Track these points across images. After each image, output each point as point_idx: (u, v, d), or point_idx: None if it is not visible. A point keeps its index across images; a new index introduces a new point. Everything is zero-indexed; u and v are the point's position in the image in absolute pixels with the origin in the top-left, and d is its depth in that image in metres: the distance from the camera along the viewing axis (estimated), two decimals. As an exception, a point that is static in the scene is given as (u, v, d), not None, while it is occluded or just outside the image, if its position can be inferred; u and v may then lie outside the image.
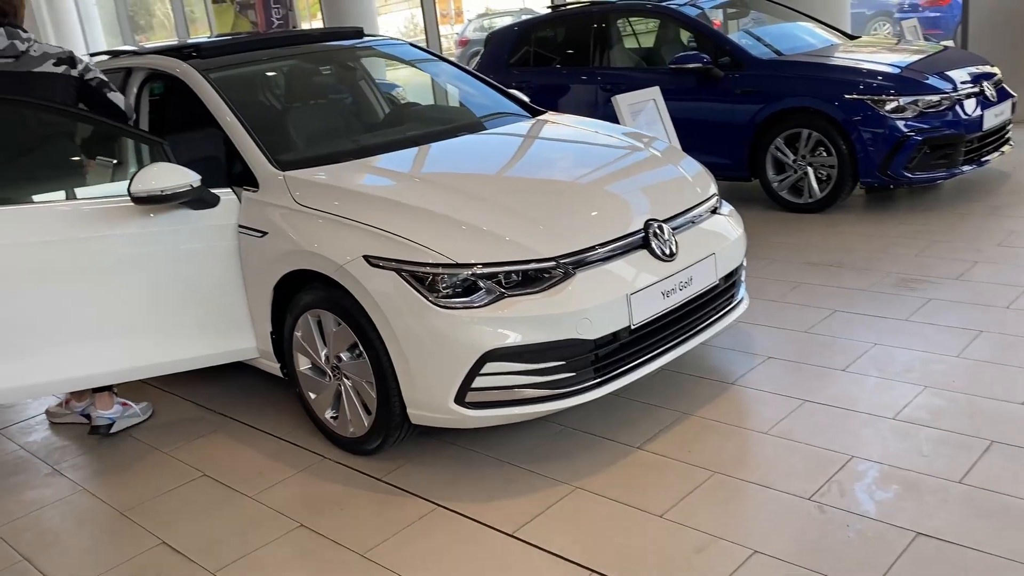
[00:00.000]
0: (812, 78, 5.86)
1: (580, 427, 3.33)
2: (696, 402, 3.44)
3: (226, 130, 3.60)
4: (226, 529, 2.94)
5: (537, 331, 2.86)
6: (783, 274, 4.82)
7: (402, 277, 2.91)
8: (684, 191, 3.51)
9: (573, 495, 2.90)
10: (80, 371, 3.35)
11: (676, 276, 3.17)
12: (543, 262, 2.94)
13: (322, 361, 3.29)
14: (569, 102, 7.15)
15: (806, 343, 3.89)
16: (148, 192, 3.20)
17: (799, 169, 5.96)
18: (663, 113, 5.12)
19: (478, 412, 2.94)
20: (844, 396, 3.36)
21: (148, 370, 3.47)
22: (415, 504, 2.96)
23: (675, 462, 3.03)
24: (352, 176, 3.39)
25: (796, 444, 3.05)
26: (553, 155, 3.77)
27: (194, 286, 3.46)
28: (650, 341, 3.15)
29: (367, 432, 3.20)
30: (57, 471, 3.51)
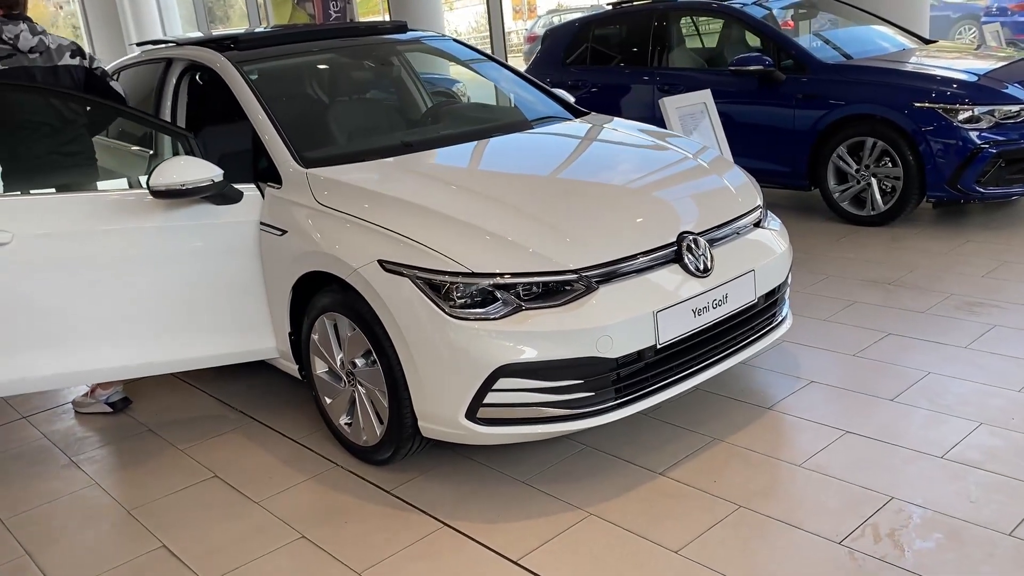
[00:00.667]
0: (880, 84, 5.55)
1: (603, 447, 3.16)
2: (728, 427, 3.23)
3: (253, 123, 3.53)
4: (228, 535, 2.86)
5: (554, 347, 2.70)
6: (836, 291, 4.55)
7: (416, 284, 2.78)
8: (724, 202, 3.31)
9: (586, 522, 2.74)
10: (97, 364, 3.32)
11: (710, 293, 2.97)
12: (564, 274, 2.78)
13: (337, 366, 3.19)
14: (625, 102, 6.95)
15: (854, 368, 3.64)
16: (167, 186, 3.14)
17: (862, 179, 5.66)
18: (714, 118, 4.89)
19: (490, 429, 2.80)
20: (890, 429, 3.12)
21: (166, 366, 3.42)
22: (421, 521, 2.83)
23: (698, 492, 2.84)
24: (376, 176, 3.28)
25: (831, 480, 2.83)
26: (590, 160, 3.60)
27: (215, 283, 3.40)
28: (678, 362, 2.96)
29: (379, 442, 3.09)
30: (74, 463, 3.49)
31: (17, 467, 3.50)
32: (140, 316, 3.33)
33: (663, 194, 3.28)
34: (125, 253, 3.28)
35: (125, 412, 3.90)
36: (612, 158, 3.63)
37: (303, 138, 3.53)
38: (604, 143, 3.81)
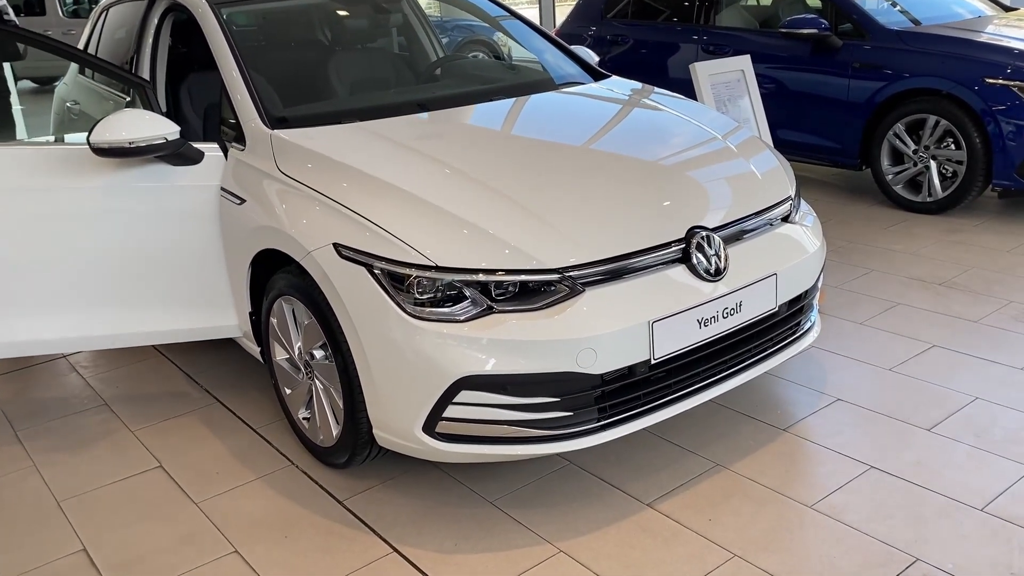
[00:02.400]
0: (947, 55, 4.95)
1: (587, 466, 2.77)
2: (734, 451, 2.82)
3: (222, 73, 3.14)
4: (156, 542, 2.56)
5: (526, 359, 2.30)
6: (879, 289, 4.06)
7: (374, 275, 2.40)
8: (748, 192, 2.85)
9: (553, 560, 2.36)
10: (36, 335, 3.01)
11: (720, 300, 2.54)
12: (544, 273, 2.36)
13: (296, 355, 2.84)
14: (668, 62, 6.42)
15: (889, 386, 3.18)
16: (111, 143, 2.78)
17: (920, 161, 5.09)
18: (752, 89, 4.36)
19: (450, 446, 2.42)
20: (923, 468, 2.68)
21: (112, 340, 3.10)
22: (369, 542, 2.49)
23: (688, 532, 2.44)
24: (349, 144, 2.88)
25: (846, 529, 2.41)
26: (598, 135, 3.15)
27: (173, 252, 3.06)
28: (676, 378, 2.55)
29: (335, 444, 2.74)
30: (19, 438, 3.21)
31: (-41, 439, 3.24)
32: (86, 284, 3.01)
33: (676, 180, 2.82)
34: (70, 213, 2.95)
35: (87, 381, 3.62)
36: (624, 133, 3.16)
37: (275, 94, 3.14)
38: (618, 114, 3.34)
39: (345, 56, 3.70)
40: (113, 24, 4.37)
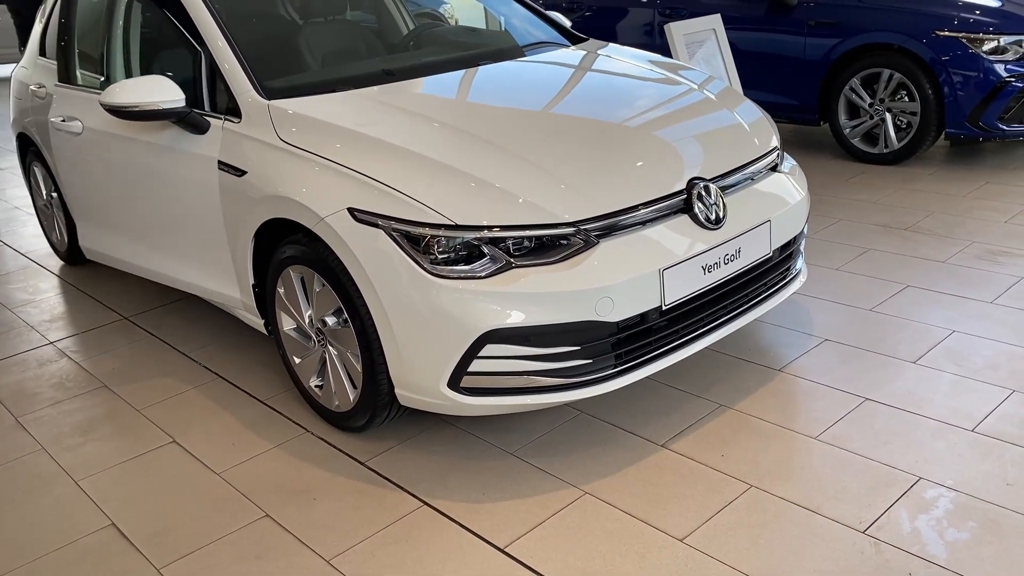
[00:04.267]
0: (898, 9, 5.15)
1: (599, 415, 2.88)
2: (736, 392, 2.95)
3: (209, 46, 3.12)
4: (184, 513, 2.58)
5: (548, 310, 2.38)
6: (850, 237, 4.24)
7: (391, 237, 2.45)
8: (739, 144, 2.96)
9: (580, 502, 2.47)
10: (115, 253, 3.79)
11: (722, 248, 2.65)
12: (560, 227, 2.44)
13: (306, 324, 2.87)
14: (623, 27, 6.50)
15: (871, 324, 3.35)
16: (116, 105, 3.02)
17: (876, 114, 5.30)
18: (723, 47, 4.48)
19: (475, 400, 2.50)
20: (913, 396, 2.85)
21: (152, 274, 3.64)
22: (398, 499, 2.56)
23: (705, 468, 2.57)
24: (349, 110, 2.90)
25: (852, 456, 2.56)
26: (587, 94, 3.23)
27: (180, 213, 3.29)
28: (684, 324, 2.66)
29: (352, 408, 2.79)
30: (21, 424, 3.18)
31: (-42, 428, 3.20)
32: (134, 219, 3.57)
33: (671, 134, 2.92)
34: (122, 158, 3.46)
35: (81, 365, 3.59)
36: (613, 92, 3.25)
37: (266, 65, 3.13)
38: (604, 74, 3.43)
39: (326, 27, 3.70)
40: (74, 1, 4.27)
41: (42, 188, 4.73)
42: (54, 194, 4.55)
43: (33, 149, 4.62)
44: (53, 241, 4.90)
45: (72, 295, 4.41)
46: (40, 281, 4.65)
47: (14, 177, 6.96)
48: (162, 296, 4.22)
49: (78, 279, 4.61)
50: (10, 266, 4.93)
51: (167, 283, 3.60)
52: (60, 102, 3.88)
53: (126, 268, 3.86)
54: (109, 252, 3.92)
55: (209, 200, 3.08)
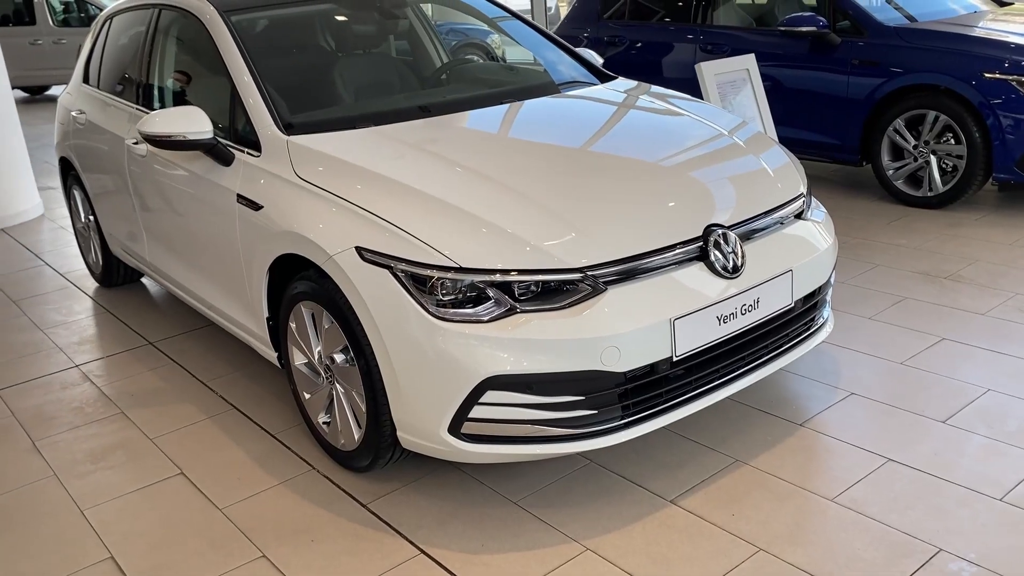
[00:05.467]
0: (946, 51, 5.00)
1: (608, 465, 2.80)
2: (752, 446, 2.85)
3: (234, 80, 3.16)
4: (182, 549, 2.56)
5: (551, 358, 2.32)
6: (885, 284, 4.10)
7: (397, 277, 2.42)
8: (762, 190, 2.88)
9: (581, 559, 2.38)
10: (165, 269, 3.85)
11: (738, 297, 2.57)
12: (567, 272, 2.39)
13: (316, 359, 2.85)
14: (666, 62, 6.46)
15: (901, 379, 3.21)
16: (148, 133, 3.07)
17: (920, 157, 5.14)
18: (756, 87, 4.40)
19: (475, 447, 2.44)
20: (940, 459, 2.71)
21: (191, 296, 3.69)
22: (395, 545, 2.50)
23: (713, 527, 2.47)
24: (364, 148, 2.90)
25: (868, 522, 2.44)
26: (609, 134, 3.17)
27: (208, 240, 3.34)
28: (698, 375, 2.57)
29: (357, 448, 2.75)
30: (36, 447, 3.22)
31: (-24, 449, 3.24)
32: (176, 239, 3.65)
33: (690, 178, 2.85)
34: (169, 180, 3.53)
35: (101, 390, 3.62)
36: (635, 133, 3.19)
37: (288, 100, 3.15)
38: (627, 115, 3.37)
39: (354, 62, 3.72)
40: (117, 32, 4.37)
41: (80, 211, 4.83)
42: (91, 217, 4.64)
43: (73, 173, 4.72)
44: (89, 263, 4.99)
45: (103, 318, 4.47)
46: (74, 303, 4.73)
47: (62, 197, 7.13)
48: (187, 322, 4.26)
49: (110, 302, 4.68)
50: (49, 286, 5.03)
51: (191, 300, 3.70)
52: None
53: (152, 271, 4.04)
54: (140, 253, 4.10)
55: (229, 232, 3.10)
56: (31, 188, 6.65)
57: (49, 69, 13.34)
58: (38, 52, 13.24)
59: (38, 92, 14.32)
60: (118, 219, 4.22)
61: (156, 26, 3.89)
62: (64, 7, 13.85)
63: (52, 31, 13.42)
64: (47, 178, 7.70)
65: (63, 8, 13.85)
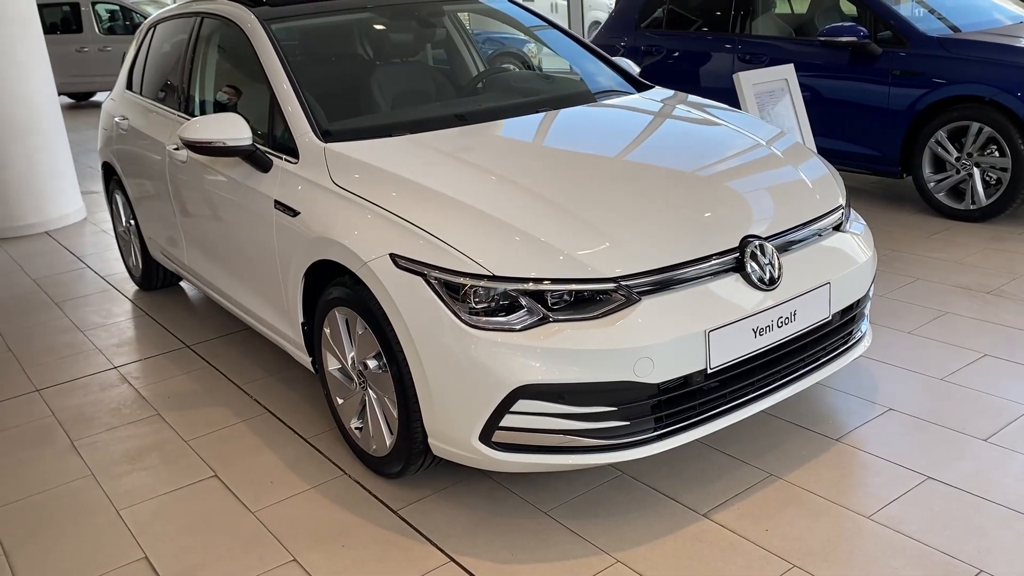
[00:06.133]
0: (990, 61, 4.91)
1: (640, 477, 2.77)
2: (788, 461, 2.81)
3: (273, 88, 3.20)
4: (215, 550, 2.59)
5: (583, 368, 2.31)
6: (925, 298, 4.03)
7: (430, 285, 2.42)
8: (800, 201, 2.84)
9: (612, 571, 2.36)
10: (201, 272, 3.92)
11: (775, 310, 2.54)
12: (601, 282, 2.37)
13: (349, 365, 2.87)
14: (703, 72, 6.42)
15: (941, 395, 3.15)
16: (188, 139, 3.11)
17: (963, 169, 5.05)
18: (795, 98, 4.35)
19: (506, 455, 2.44)
20: (981, 477, 2.65)
21: (230, 301, 3.73)
22: (425, 552, 2.50)
23: (746, 543, 2.43)
24: (400, 155, 2.91)
25: (907, 540, 2.39)
26: (646, 144, 3.16)
27: (246, 247, 3.36)
28: (732, 388, 2.55)
29: (388, 454, 2.76)
30: (75, 447, 3.27)
31: (17, 448, 3.30)
32: (214, 244, 3.68)
33: (726, 188, 2.83)
34: (208, 186, 3.56)
35: (139, 392, 3.68)
36: (671, 143, 3.17)
37: (326, 107, 3.18)
38: (664, 124, 3.36)
39: (391, 70, 3.74)
40: (160, 39, 4.45)
41: (122, 215, 4.91)
42: (132, 221, 4.72)
43: (115, 178, 4.81)
44: (129, 266, 5.08)
45: (141, 320, 4.54)
46: (114, 305, 4.81)
47: (104, 201, 7.27)
48: (223, 326, 4.31)
49: (149, 305, 4.75)
50: (90, 288, 5.12)
51: (228, 304, 3.75)
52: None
53: (190, 275, 4.13)
54: (179, 257, 4.18)
55: (266, 237, 3.13)
56: (74, 192, 6.79)
57: (94, 76, 13.62)
58: (84, 59, 13.52)
59: (83, 98, 14.62)
60: (158, 223, 4.29)
61: (198, 34, 3.95)
62: (110, 15, 14.14)
63: (98, 39, 13.70)
64: (90, 182, 7.85)
65: (109, 16, 14.14)
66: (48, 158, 6.46)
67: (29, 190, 6.39)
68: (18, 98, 6.21)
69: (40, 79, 6.37)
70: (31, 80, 6.28)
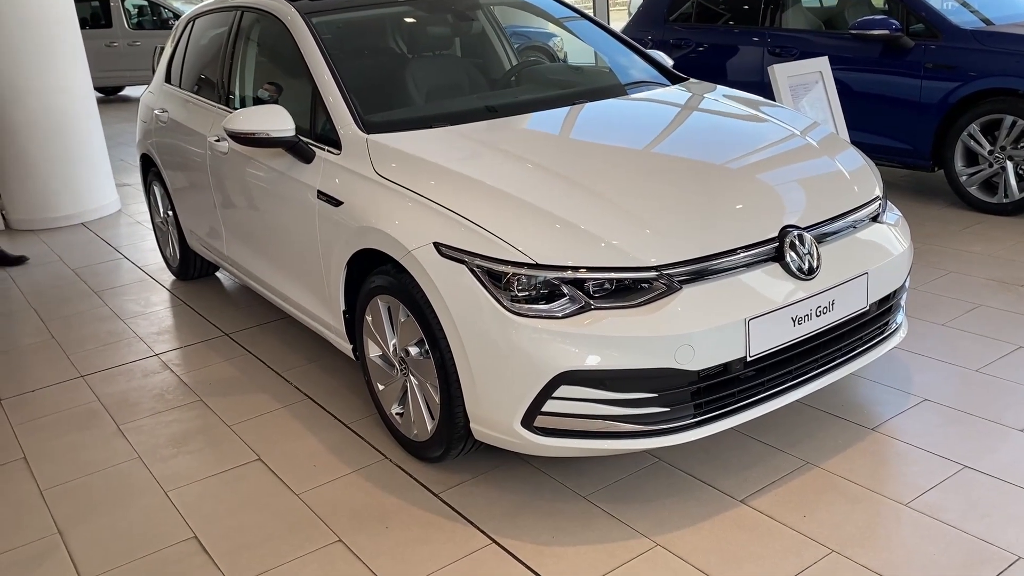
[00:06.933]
0: (1023, 54, 4.89)
1: (677, 463, 2.81)
2: (824, 450, 2.84)
3: (316, 80, 3.25)
4: (262, 531, 2.65)
5: (624, 354, 2.35)
6: (959, 291, 4.03)
7: (473, 273, 2.47)
8: (838, 192, 2.87)
9: (651, 554, 2.41)
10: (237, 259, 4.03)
11: (813, 299, 2.57)
12: (642, 271, 2.41)
13: (390, 352, 2.92)
14: (732, 65, 6.42)
15: (976, 387, 3.16)
16: (233, 130, 3.16)
17: (996, 162, 5.04)
18: (830, 90, 4.35)
19: (548, 440, 2.48)
20: (1018, 467, 2.67)
21: (268, 289, 3.80)
22: (467, 534, 2.56)
23: (784, 528, 2.47)
24: (442, 147, 2.96)
25: (945, 528, 2.41)
26: (683, 135, 3.19)
27: (288, 237, 3.41)
28: (771, 376, 2.58)
29: (430, 439, 2.82)
30: (121, 431, 3.35)
31: (65, 432, 3.39)
32: (255, 234, 3.75)
33: (765, 179, 2.85)
34: (250, 177, 3.62)
35: (181, 378, 3.76)
36: (708, 134, 3.20)
37: (368, 100, 3.24)
38: (701, 116, 3.38)
39: (429, 63, 3.80)
40: (199, 33, 4.52)
41: (160, 207, 5.00)
42: (170, 212, 4.81)
43: (154, 170, 4.90)
44: (167, 256, 5.17)
45: (179, 309, 4.62)
46: (152, 294, 4.90)
47: (139, 193, 7.39)
48: (261, 315, 4.38)
49: (186, 294, 4.84)
50: (127, 278, 5.22)
51: (268, 293, 3.81)
52: (219, 124, 3.90)
53: (230, 265, 4.20)
54: (219, 248, 4.26)
55: (309, 227, 3.19)
56: (109, 184, 6.90)
57: (124, 71, 13.79)
58: (114, 54, 13.68)
59: (112, 93, 14.80)
60: (197, 214, 4.37)
61: (238, 27, 4.02)
62: (139, 10, 14.31)
63: (127, 34, 13.87)
64: (122, 175, 7.97)
65: (137, 11, 14.31)
66: (85, 150, 6.57)
67: (67, 182, 6.51)
68: (58, 94, 6.33)
69: (78, 75, 6.49)
70: (70, 76, 6.40)
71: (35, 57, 6.18)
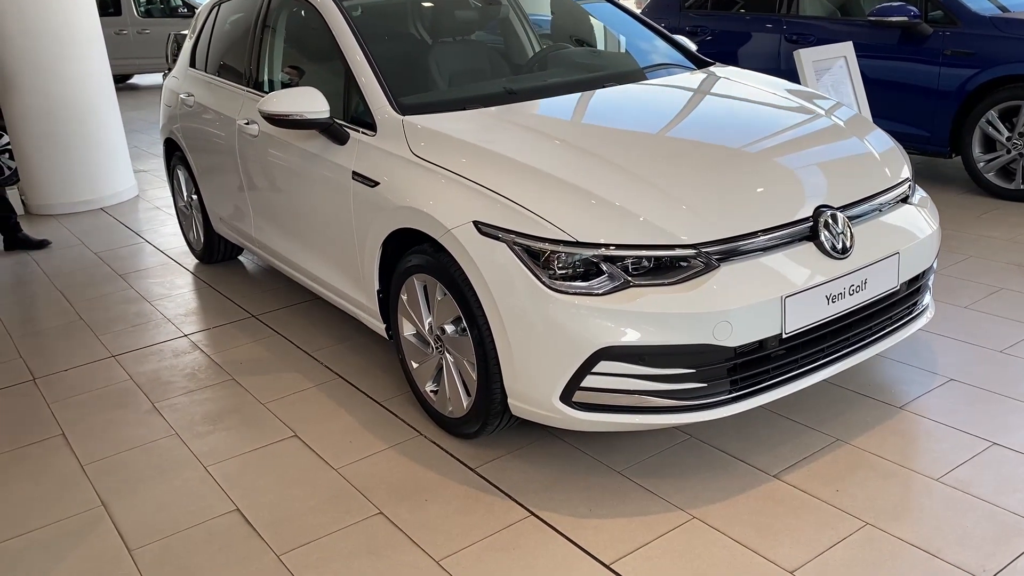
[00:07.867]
0: (1045, 41, 4.91)
1: (709, 440, 2.86)
2: (853, 427, 2.88)
3: (349, 63, 3.29)
4: (303, 504, 2.71)
5: (664, 331, 2.40)
6: (980, 275, 4.07)
7: (513, 251, 2.51)
8: (869, 173, 2.90)
9: (688, 526, 2.46)
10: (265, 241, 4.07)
11: (847, 278, 2.61)
12: (681, 249, 2.46)
13: (425, 330, 2.97)
14: (748, 52, 6.45)
15: (1000, 367, 3.21)
16: (268, 112, 3.20)
17: (1013, 149, 5.07)
18: (854, 74, 4.39)
19: (586, 415, 2.53)
20: (1046, 444, 2.71)
21: (297, 271, 3.85)
22: (506, 507, 2.61)
23: (817, 502, 2.52)
24: (477, 127, 3.00)
25: (977, 502, 2.46)
26: (713, 117, 3.23)
27: (321, 217, 3.45)
28: (804, 353, 2.62)
29: (465, 415, 2.87)
30: (156, 409, 3.40)
31: (101, 409, 3.44)
32: (285, 216, 3.78)
33: (798, 160, 2.89)
34: (281, 160, 3.66)
35: (211, 358, 3.81)
36: (739, 116, 3.24)
37: (401, 82, 3.27)
38: (730, 99, 3.42)
39: (458, 47, 3.83)
40: (225, 17, 4.56)
41: (183, 190, 5.04)
42: (194, 196, 4.85)
43: (178, 154, 4.94)
44: (190, 240, 5.21)
45: (204, 292, 4.67)
46: (176, 277, 4.95)
47: (155, 179, 7.44)
48: (287, 297, 4.43)
49: (211, 277, 4.88)
50: (150, 262, 5.27)
51: (298, 274, 3.85)
52: (249, 107, 3.95)
53: (258, 247, 4.24)
54: (246, 230, 4.30)
55: (343, 208, 3.23)
56: (127, 170, 6.94)
57: (134, 59, 13.79)
58: (123, 42, 13.68)
59: (122, 81, 14.81)
60: (224, 197, 4.41)
61: (267, 11, 4.05)
62: (148, -2, 14.31)
63: (137, 22, 13.87)
64: (138, 161, 8.01)
65: (147, -1, 14.31)
66: (104, 136, 6.61)
67: (86, 168, 6.55)
68: (77, 80, 6.37)
69: (96, 61, 6.52)
70: (88, 62, 6.43)
71: (55, 43, 6.22)
